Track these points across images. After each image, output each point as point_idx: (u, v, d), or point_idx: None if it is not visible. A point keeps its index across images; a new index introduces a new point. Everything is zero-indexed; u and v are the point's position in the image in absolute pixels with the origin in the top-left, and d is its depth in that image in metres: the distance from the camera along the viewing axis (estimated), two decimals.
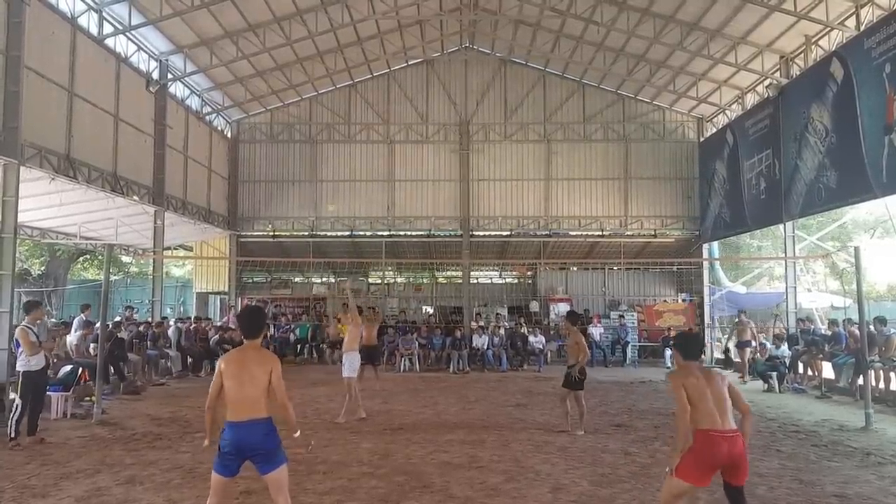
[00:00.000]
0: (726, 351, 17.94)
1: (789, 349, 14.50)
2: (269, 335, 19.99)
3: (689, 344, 4.89)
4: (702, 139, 21.79)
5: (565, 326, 10.04)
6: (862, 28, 12.98)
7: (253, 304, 18.27)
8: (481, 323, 19.48)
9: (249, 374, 4.28)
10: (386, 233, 22.51)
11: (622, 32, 17.63)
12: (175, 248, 23.84)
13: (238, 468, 4.29)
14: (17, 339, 8.44)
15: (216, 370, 4.42)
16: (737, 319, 17.23)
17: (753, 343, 15.91)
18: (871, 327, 12.32)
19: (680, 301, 22.06)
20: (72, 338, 12.40)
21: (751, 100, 18.34)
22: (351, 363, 10.12)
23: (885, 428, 9.47)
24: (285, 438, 4.40)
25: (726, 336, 20.51)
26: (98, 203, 14.38)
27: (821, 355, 13.90)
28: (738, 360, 16.64)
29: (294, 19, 17.35)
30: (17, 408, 8.11)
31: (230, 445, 4.19)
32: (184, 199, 18.62)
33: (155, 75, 16.88)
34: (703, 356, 5.29)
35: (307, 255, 21.81)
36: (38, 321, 8.78)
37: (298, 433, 4.65)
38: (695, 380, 4.52)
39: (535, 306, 22.49)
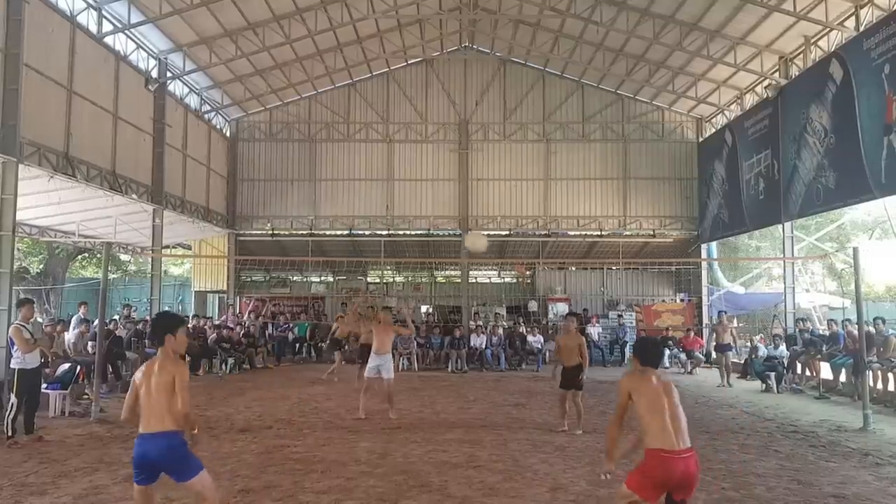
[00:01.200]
0: (707, 354, 17.65)
1: (787, 349, 14.51)
2: (267, 334, 20.06)
3: (648, 349, 4.58)
4: (701, 139, 21.80)
5: (567, 327, 9.80)
6: (861, 29, 12.99)
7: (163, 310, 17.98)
8: (479, 323, 19.49)
9: (155, 384, 4.21)
10: (385, 232, 22.51)
11: (621, 32, 17.64)
12: (174, 247, 23.82)
13: (154, 477, 4.20)
14: (10, 338, 8.43)
15: (132, 382, 4.34)
16: (716, 321, 16.35)
17: (734, 347, 15.47)
18: (870, 328, 12.34)
19: (678, 301, 22.08)
20: (69, 336, 12.40)
21: (750, 100, 18.35)
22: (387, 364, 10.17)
23: (883, 428, 9.48)
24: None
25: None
26: (97, 201, 14.37)
27: (819, 356, 13.91)
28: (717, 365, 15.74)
29: (293, 18, 17.34)
30: (12, 406, 8.10)
31: (137, 457, 4.13)
32: (182, 198, 18.60)
33: (154, 73, 16.87)
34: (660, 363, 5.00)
35: (306, 254, 21.81)
36: (31, 319, 8.75)
37: (196, 430, 4.62)
38: (648, 389, 4.17)
39: (533, 306, 22.50)
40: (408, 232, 22.54)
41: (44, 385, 9.33)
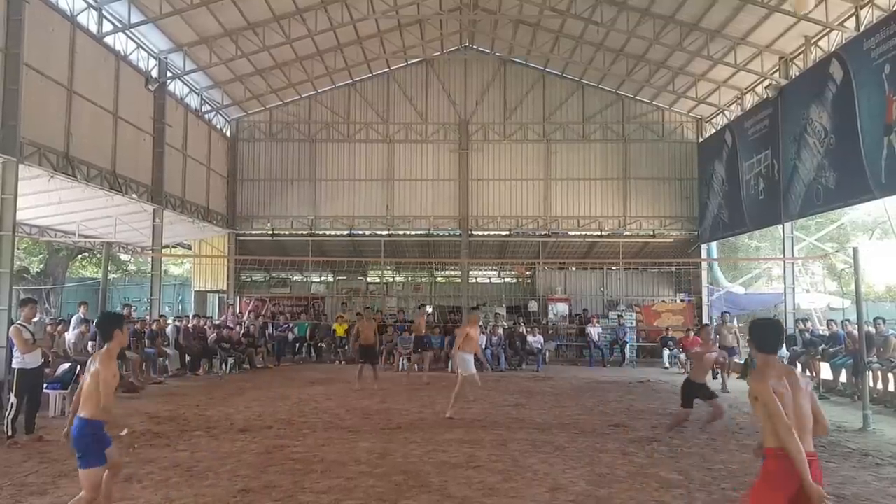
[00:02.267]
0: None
1: (787, 350, 14.50)
2: (267, 334, 20.05)
3: (768, 332, 3.84)
4: (701, 140, 21.80)
5: (709, 336, 9.46)
6: (861, 29, 12.98)
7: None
8: (479, 323, 19.44)
9: (89, 375, 4.64)
10: (385, 232, 22.51)
11: (622, 33, 17.64)
12: (174, 247, 23.82)
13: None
14: (10, 338, 8.43)
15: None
16: (718, 321, 15.88)
17: (737, 349, 14.86)
18: (870, 328, 12.33)
19: (678, 301, 22.08)
20: (69, 336, 12.40)
21: (750, 100, 18.35)
22: (467, 363, 10.39)
23: (883, 429, 9.48)
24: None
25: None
26: (97, 201, 14.36)
27: (818, 356, 13.91)
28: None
29: (294, 18, 17.35)
30: (12, 406, 8.10)
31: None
32: (182, 198, 18.60)
33: (154, 73, 16.87)
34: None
35: (306, 254, 21.82)
36: (32, 319, 8.75)
37: (125, 431, 5.09)
38: (780, 383, 3.57)
39: (533, 306, 22.51)
40: (408, 232, 22.55)
41: (44, 385, 9.32)
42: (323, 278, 24.98)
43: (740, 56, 16.96)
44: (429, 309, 23.41)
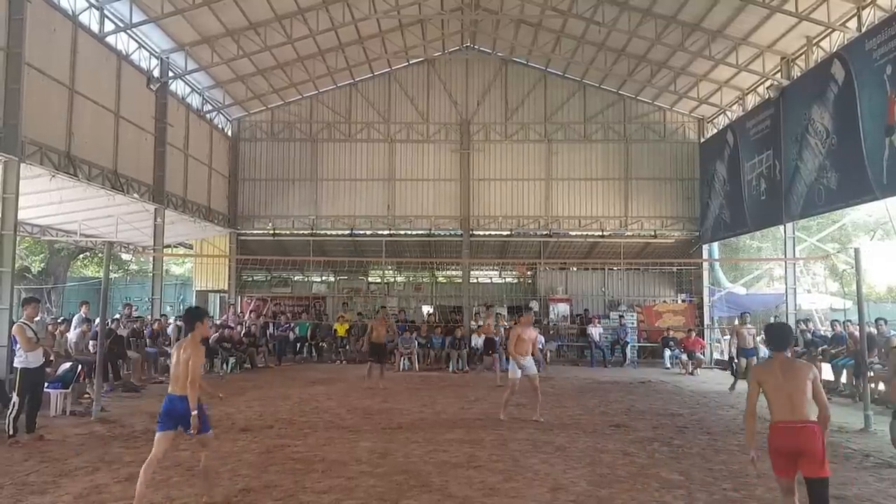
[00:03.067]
0: (730, 360, 15.81)
1: (788, 350, 14.46)
2: (268, 333, 20.06)
3: (777, 333, 5.08)
4: (702, 140, 21.78)
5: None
6: (863, 29, 12.97)
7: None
8: (480, 323, 19.49)
9: (180, 360, 5.51)
10: (386, 232, 22.51)
11: (623, 33, 17.63)
12: (175, 247, 23.83)
13: (172, 426, 5.56)
14: (14, 336, 8.43)
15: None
16: (737, 322, 15.05)
17: (756, 351, 13.98)
18: (871, 329, 12.32)
19: (679, 302, 22.08)
20: (71, 335, 12.41)
21: (752, 101, 18.33)
22: (513, 367, 10.30)
23: (884, 430, 9.43)
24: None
25: (726, 339, 20.48)
26: (98, 201, 14.37)
27: (819, 357, 13.89)
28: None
29: (295, 18, 17.35)
30: (14, 405, 8.10)
31: (163, 409, 5.55)
32: (184, 197, 18.61)
33: (156, 73, 16.87)
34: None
35: (307, 253, 21.82)
36: (35, 318, 8.76)
37: (222, 395, 6.56)
38: (771, 372, 4.74)
39: (535, 306, 22.50)
40: (409, 232, 22.55)
41: (45, 384, 9.33)
42: (324, 278, 24.98)
43: (742, 56, 16.94)
44: (429, 308, 23.42)
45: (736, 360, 14.55)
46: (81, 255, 28.73)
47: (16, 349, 8.45)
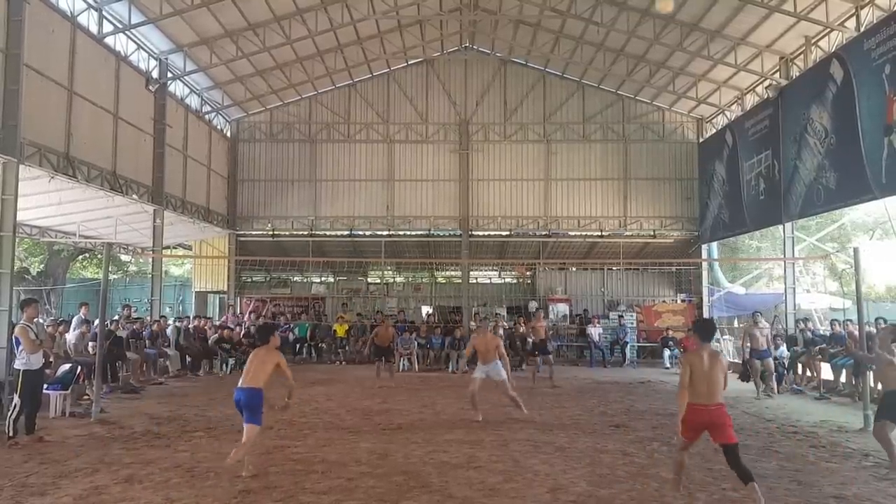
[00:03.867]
0: (745, 363, 14.31)
1: (788, 350, 14.50)
2: None
3: (705, 327, 6.20)
4: (701, 140, 21.80)
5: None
6: (862, 29, 12.98)
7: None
8: (480, 323, 19.45)
9: (260, 361, 6.81)
10: (385, 232, 22.51)
11: (622, 33, 17.64)
12: (174, 248, 23.82)
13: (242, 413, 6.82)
14: (16, 338, 8.42)
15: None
16: (750, 321, 14.21)
17: (772, 353, 13.28)
18: (871, 328, 12.30)
19: (679, 301, 22.09)
20: (70, 336, 12.39)
21: (750, 100, 18.35)
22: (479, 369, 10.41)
23: None
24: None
25: (725, 339, 20.47)
26: (97, 202, 14.38)
27: (819, 356, 13.90)
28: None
29: (294, 18, 17.36)
30: (15, 407, 8.09)
31: (235, 400, 6.87)
32: (183, 199, 18.60)
33: (154, 74, 16.88)
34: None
35: (306, 254, 21.82)
36: (35, 319, 8.75)
37: (290, 399, 7.30)
38: (700, 358, 5.65)
39: (534, 306, 22.49)
40: (408, 232, 22.55)
41: (44, 385, 9.32)
42: (323, 279, 24.97)
43: (740, 56, 16.96)
44: (429, 309, 23.42)
45: (748, 363, 13.60)
46: (80, 257, 28.71)
47: (17, 351, 8.43)
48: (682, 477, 6.13)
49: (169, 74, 17.43)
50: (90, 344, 11.88)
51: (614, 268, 23.04)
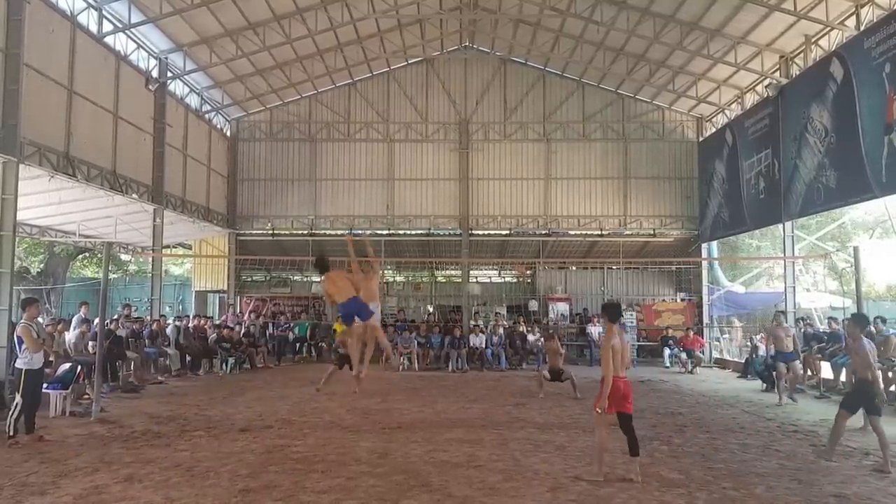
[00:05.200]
0: (769, 367, 13.63)
1: None
2: (267, 333, 20.07)
3: (612, 309, 6.90)
4: (701, 139, 21.79)
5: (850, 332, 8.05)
6: (862, 28, 12.97)
7: None
8: (479, 323, 19.50)
9: (343, 286, 8.34)
10: (385, 231, 22.50)
11: (622, 32, 17.63)
12: (174, 247, 23.83)
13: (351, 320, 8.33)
14: (18, 337, 8.42)
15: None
16: (773, 322, 13.25)
17: (796, 354, 12.44)
18: (871, 327, 12.29)
19: (679, 300, 22.08)
20: (70, 336, 12.40)
21: (750, 99, 18.34)
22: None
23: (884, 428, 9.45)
24: None
25: (725, 338, 20.46)
26: (97, 201, 14.37)
27: (819, 355, 13.89)
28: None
29: (294, 18, 17.35)
30: (16, 406, 8.10)
31: (345, 311, 8.31)
32: (183, 198, 18.60)
33: (154, 73, 16.87)
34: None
35: (306, 253, 21.78)
36: (35, 318, 8.76)
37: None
38: (616, 339, 6.53)
39: (534, 305, 22.52)
40: (408, 231, 22.53)
41: (44, 385, 9.32)
42: (323, 278, 24.91)
43: (740, 55, 16.95)
44: (429, 308, 23.42)
45: (773, 366, 12.80)
46: (80, 256, 28.69)
47: (19, 350, 8.43)
48: (604, 458, 6.70)
49: (169, 74, 17.42)
50: (90, 343, 11.89)
51: (614, 267, 23.02)
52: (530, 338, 18.76)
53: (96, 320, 11.35)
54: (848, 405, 7.75)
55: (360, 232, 22.75)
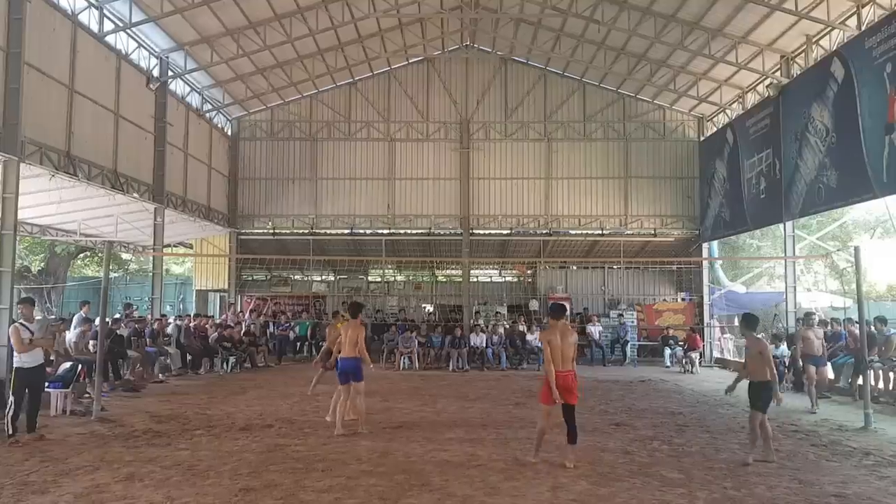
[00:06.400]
0: (797, 372, 13.31)
1: (788, 348, 14.49)
2: (268, 332, 20.08)
3: (555, 309, 7.44)
4: (702, 138, 21.78)
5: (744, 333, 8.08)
6: (863, 28, 12.96)
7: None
8: (479, 322, 19.50)
9: (348, 336, 8.64)
10: (386, 231, 22.50)
11: (623, 31, 17.62)
12: (175, 246, 23.82)
13: (348, 380, 8.71)
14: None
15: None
16: (803, 325, 12.41)
17: (825, 360, 11.95)
18: (872, 327, 12.31)
19: (679, 300, 22.08)
20: (71, 335, 12.40)
21: (751, 99, 18.32)
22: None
23: (884, 428, 9.47)
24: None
25: (726, 338, 20.44)
26: (98, 200, 14.37)
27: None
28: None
29: (295, 17, 17.35)
30: (10, 405, 8.09)
31: (339, 368, 8.77)
32: (184, 197, 18.61)
33: (155, 72, 16.87)
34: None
35: (307, 252, 21.82)
36: (36, 317, 8.76)
37: (373, 366, 9.27)
38: (555, 335, 7.08)
39: (534, 305, 22.51)
40: (409, 231, 22.54)
41: (45, 384, 9.32)
42: (324, 277, 24.99)
43: (741, 55, 16.93)
44: (430, 307, 23.44)
45: (802, 369, 12.17)
46: (81, 255, 28.73)
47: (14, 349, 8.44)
48: (541, 446, 7.24)
49: (170, 73, 17.42)
50: (91, 342, 11.90)
51: (615, 266, 23.04)
52: (530, 337, 18.74)
53: (97, 319, 11.35)
54: (758, 406, 7.64)
55: (361, 231, 22.78)
